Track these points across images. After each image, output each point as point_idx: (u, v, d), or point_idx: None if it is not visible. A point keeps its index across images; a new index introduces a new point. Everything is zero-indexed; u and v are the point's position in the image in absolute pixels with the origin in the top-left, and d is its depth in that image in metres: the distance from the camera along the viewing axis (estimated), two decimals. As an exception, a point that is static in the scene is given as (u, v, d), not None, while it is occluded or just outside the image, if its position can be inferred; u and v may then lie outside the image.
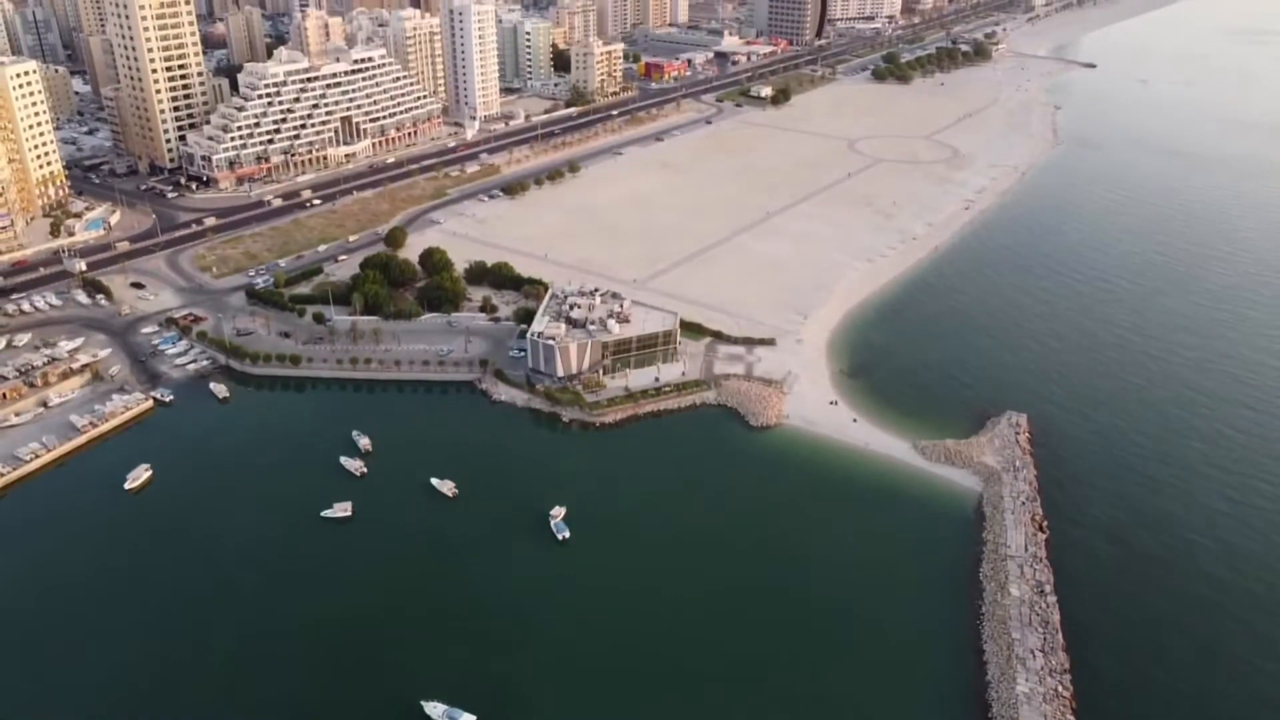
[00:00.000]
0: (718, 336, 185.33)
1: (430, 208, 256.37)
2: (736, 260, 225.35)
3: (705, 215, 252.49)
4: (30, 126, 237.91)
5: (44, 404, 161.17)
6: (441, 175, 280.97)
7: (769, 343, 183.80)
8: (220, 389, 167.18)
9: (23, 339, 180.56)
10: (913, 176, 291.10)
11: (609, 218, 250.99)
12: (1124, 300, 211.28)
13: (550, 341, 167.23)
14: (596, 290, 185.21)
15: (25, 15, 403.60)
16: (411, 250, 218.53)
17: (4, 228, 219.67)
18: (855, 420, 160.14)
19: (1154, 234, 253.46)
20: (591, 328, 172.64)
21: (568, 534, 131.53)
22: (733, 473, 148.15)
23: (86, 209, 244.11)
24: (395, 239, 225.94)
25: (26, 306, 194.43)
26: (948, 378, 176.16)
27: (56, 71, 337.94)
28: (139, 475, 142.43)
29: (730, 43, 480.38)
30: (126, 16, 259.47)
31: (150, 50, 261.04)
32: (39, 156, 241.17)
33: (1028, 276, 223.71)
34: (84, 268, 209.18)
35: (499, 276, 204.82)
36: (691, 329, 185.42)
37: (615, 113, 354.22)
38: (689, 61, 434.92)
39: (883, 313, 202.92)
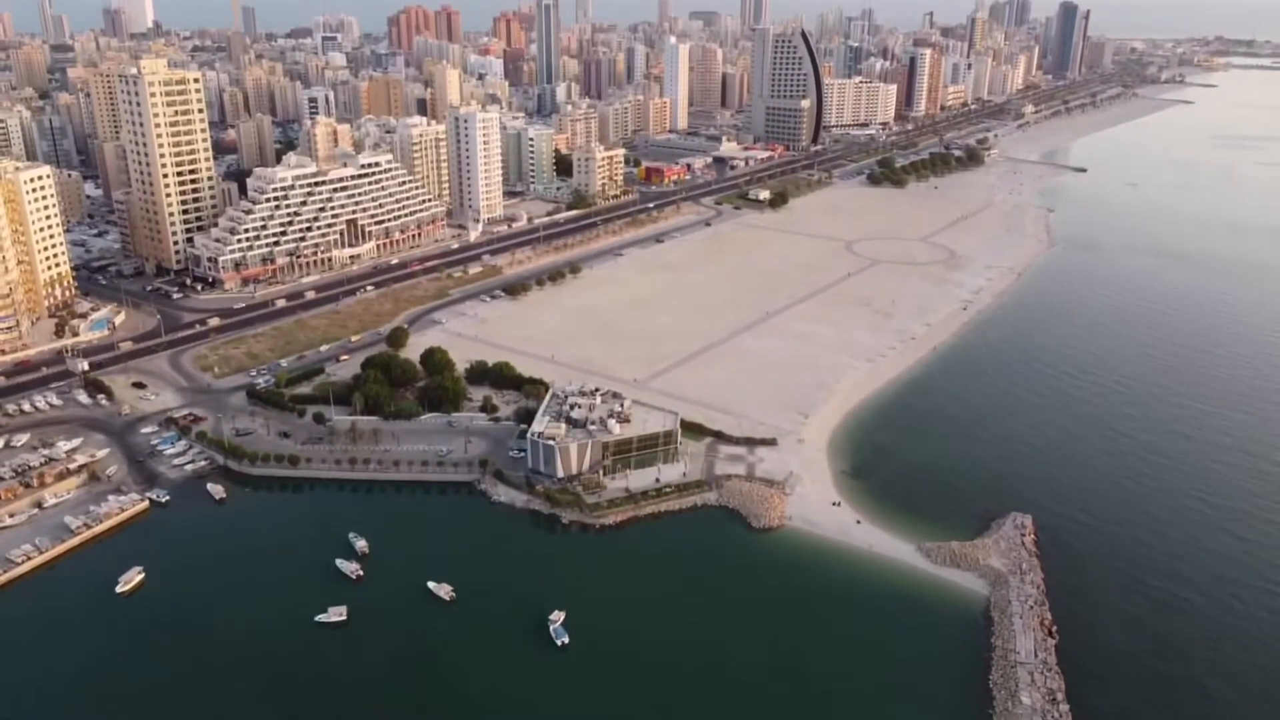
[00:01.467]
0: (719, 436, 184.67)
1: (433, 308, 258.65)
2: (737, 360, 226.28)
3: (705, 316, 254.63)
4: (41, 229, 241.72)
5: (39, 505, 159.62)
6: (444, 276, 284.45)
7: (770, 443, 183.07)
8: (217, 490, 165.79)
9: (21, 439, 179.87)
10: (910, 277, 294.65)
11: (610, 318, 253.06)
12: (1122, 400, 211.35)
13: (550, 442, 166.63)
14: (597, 390, 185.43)
15: (43, 122, 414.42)
16: (413, 350, 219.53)
17: (9, 328, 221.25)
18: (859, 522, 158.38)
19: (1150, 334, 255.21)
20: (592, 428, 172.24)
21: (567, 639, 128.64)
22: (735, 576, 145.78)
23: (92, 309, 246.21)
24: (397, 339, 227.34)
25: (27, 406, 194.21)
26: (950, 478, 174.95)
27: (69, 176, 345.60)
28: (131, 578, 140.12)
29: (728, 148, 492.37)
30: (141, 124, 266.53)
31: (163, 156, 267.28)
32: (48, 258, 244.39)
33: (1027, 376, 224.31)
34: (86, 367, 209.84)
35: (500, 376, 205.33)
36: (692, 429, 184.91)
37: (616, 215, 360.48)
38: (688, 166, 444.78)
39: (884, 412, 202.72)
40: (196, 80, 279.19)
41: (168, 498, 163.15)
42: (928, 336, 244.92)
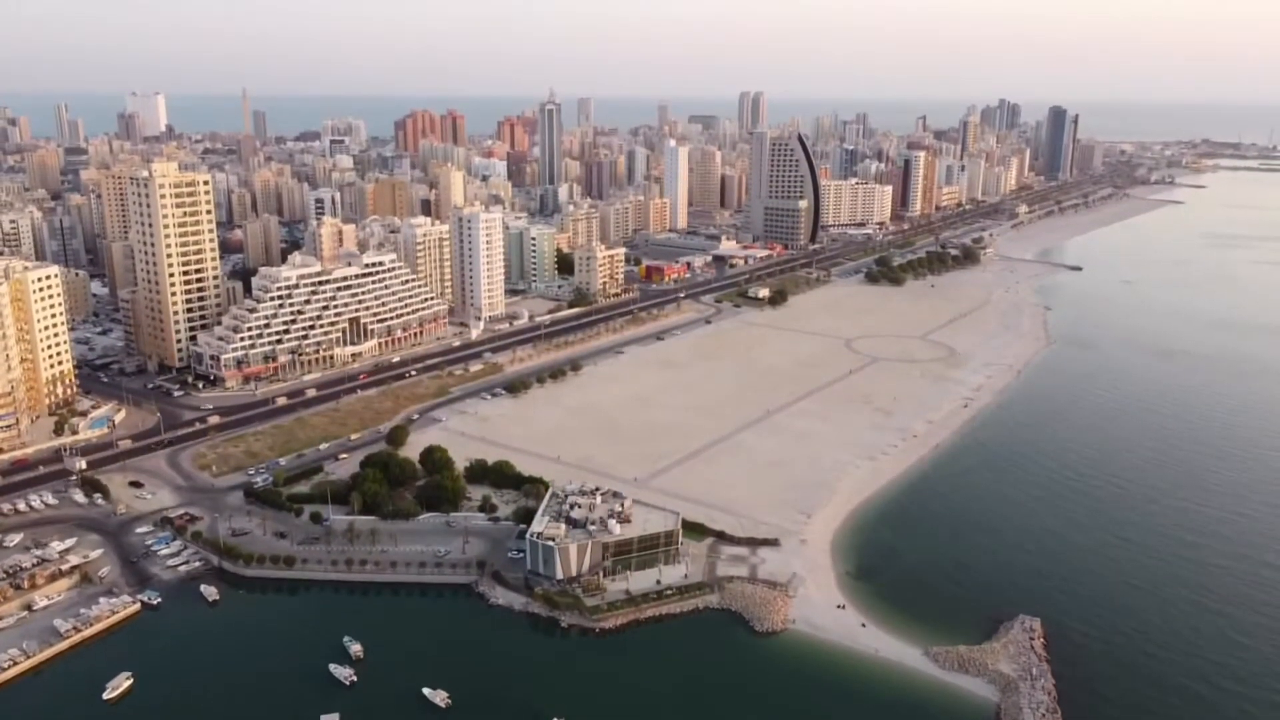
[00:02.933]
0: (720, 537, 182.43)
1: (433, 406, 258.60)
2: (738, 458, 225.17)
3: (706, 413, 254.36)
4: (46, 328, 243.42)
5: (29, 607, 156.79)
6: (445, 374, 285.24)
7: (773, 543, 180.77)
8: (210, 591, 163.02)
9: (14, 539, 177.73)
10: (910, 375, 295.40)
11: (610, 416, 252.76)
12: (1124, 500, 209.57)
13: (550, 542, 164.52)
14: (597, 489, 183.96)
15: (53, 222, 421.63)
16: (413, 448, 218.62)
17: (8, 426, 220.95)
18: (864, 625, 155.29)
19: (1148, 433, 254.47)
20: (592, 528, 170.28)
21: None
22: (737, 682, 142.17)
23: (93, 407, 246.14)
24: (397, 437, 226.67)
25: (22, 506, 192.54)
26: (956, 579, 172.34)
27: (77, 275, 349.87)
28: (119, 684, 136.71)
29: (728, 247, 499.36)
30: (150, 224, 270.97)
31: (169, 255, 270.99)
32: (51, 356, 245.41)
33: (1029, 474, 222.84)
34: (83, 466, 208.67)
35: (499, 475, 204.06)
36: (694, 529, 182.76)
37: (617, 313, 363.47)
38: (688, 264, 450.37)
39: (887, 512, 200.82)
40: (206, 182, 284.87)
41: (159, 600, 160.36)
42: (929, 434, 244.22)
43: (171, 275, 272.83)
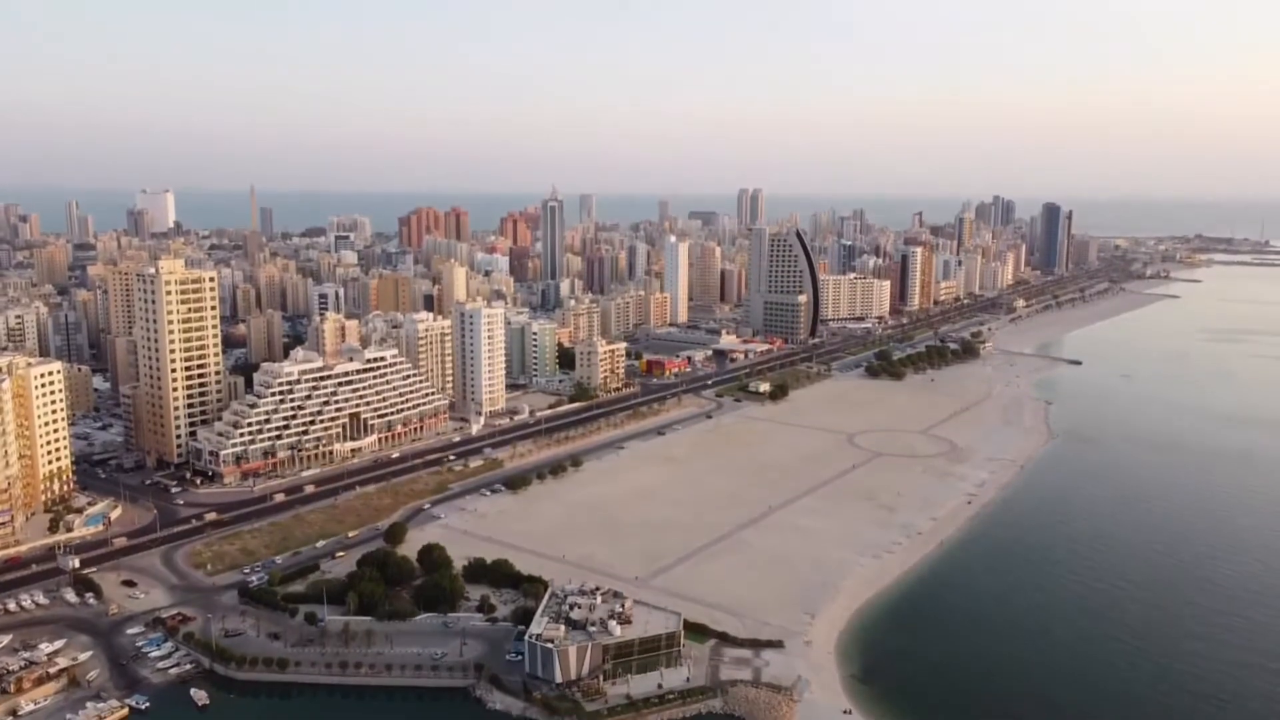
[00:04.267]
0: (723, 638, 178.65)
1: (432, 502, 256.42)
2: (740, 556, 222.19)
3: (708, 510, 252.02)
4: (46, 424, 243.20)
5: (14, 712, 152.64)
6: (445, 469, 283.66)
7: (777, 645, 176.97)
8: (200, 695, 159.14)
9: (3, 640, 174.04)
10: (913, 470, 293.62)
11: (611, 512, 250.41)
12: (1132, 600, 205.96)
13: (549, 644, 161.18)
14: (597, 589, 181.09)
15: (58, 318, 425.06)
16: (411, 546, 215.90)
17: (2, 524, 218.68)
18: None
19: (1156, 530, 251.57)
20: (592, 629, 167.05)
21: None
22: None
23: (89, 504, 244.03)
24: (395, 535, 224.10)
25: (12, 606, 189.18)
26: (964, 682, 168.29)
27: (79, 370, 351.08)
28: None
29: (728, 341, 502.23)
30: (155, 321, 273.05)
31: (173, 351, 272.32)
32: (50, 452, 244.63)
33: (1036, 574, 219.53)
34: (77, 565, 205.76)
35: (498, 574, 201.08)
36: (696, 630, 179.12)
37: (618, 408, 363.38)
38: (689, 359, 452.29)
39: (892, 612, 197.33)
40: (211, 279, 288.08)
41: (148, 704, 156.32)
42: (934, 531, 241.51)
43: (174, 371, 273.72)
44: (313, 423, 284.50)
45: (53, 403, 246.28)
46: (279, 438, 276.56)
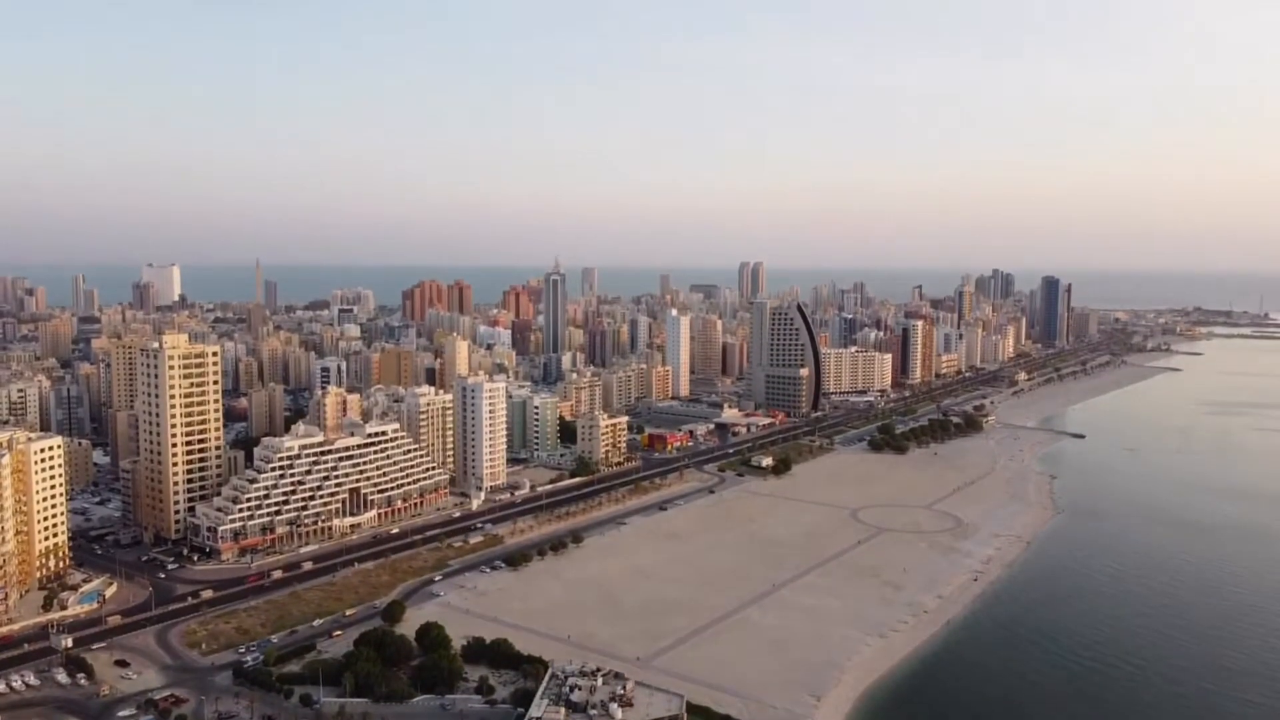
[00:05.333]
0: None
1: (431, 579, 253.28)
2: (744, 636, 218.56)
3: (710, 588, 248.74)
4: (44, 499, 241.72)
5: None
6: (445, 546, 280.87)
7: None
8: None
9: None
10: (918, 546, 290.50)
11: (612, 590, 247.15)
12: (1144, 682, 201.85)
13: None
14: (598, 670, 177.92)
15: (60, 391, 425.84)
16: (409, 625, 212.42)
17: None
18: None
19: (1165, 608, 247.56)
20: (593, 712, 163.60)
21: None
22: None
23: (84, 580, 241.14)
24: (393, 613, 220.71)
25: (2, 687, 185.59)
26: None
27: (80, 444, 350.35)
28: None
29: (730, 414, 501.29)
30: (156, 395, 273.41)
31: (174, 426, 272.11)
32: (47, 528, 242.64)
33: (1045, 654, 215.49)
34: (69, 644, 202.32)
35: (497, 654, 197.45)
36: (699, 712, 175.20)
37: (619, 482, 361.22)
38: (691, 432, 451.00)
39: (899, 694, 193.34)
40: (215, 353, 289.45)
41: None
42: (940, 610, 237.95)
43: (174, 445, 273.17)
44: (312, 498, 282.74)
45: (52, 478, 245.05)
46: (278, 513, 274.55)
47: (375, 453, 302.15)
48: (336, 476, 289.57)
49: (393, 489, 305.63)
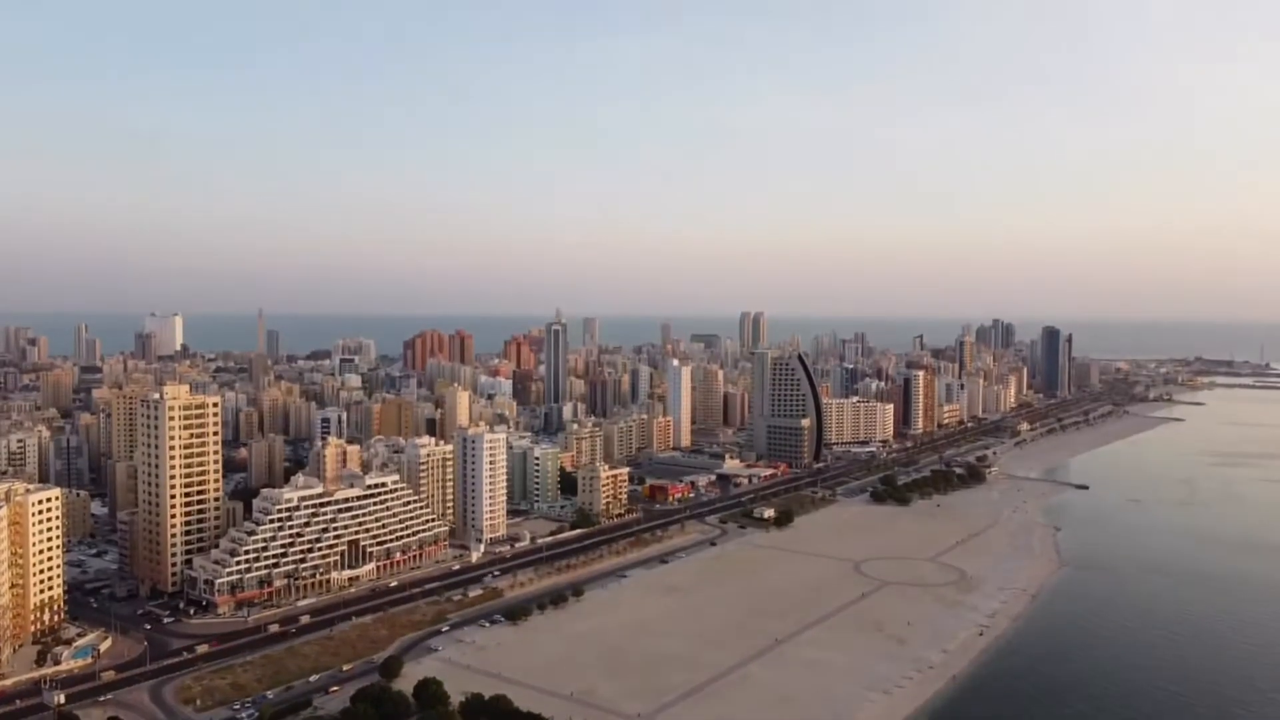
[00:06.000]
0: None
1: (430, 634, 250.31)
2: (746, 692, 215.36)
3: (712, 643, 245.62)
4: (40, 552, 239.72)
5: None
6: (444, 599, 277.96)
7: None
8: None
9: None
10: (922, 600, 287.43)
11: (613, 645, 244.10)
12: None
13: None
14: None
15: (59, 442, 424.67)
16: (407, 680, 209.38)
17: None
18: None
19: (1173, 663, 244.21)
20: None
21: None
22: None
23: (79, 634, 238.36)
24: (391, 669, 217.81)
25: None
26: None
27: (78, 495, 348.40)
28: None
29: (732, 465, 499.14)
30: (156, 446, 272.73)
31: (173, 477, 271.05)
32: (42, 582, 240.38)
33: (1052, 711, 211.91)
34: (62, 700, 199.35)
35: (496, 711, 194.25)
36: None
37: (620, 535, 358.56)
38: (692, 484, 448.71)
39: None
40: (215, 404, 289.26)
41: None
42: (945, 665, 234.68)
43: (173, 497, 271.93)
44: (311, 550, 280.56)
45: (49, 531, 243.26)
46: (276, 565, 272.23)
47: (375, 504, 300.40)
48: (335, 528, 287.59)
49: (392, 541, 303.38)
